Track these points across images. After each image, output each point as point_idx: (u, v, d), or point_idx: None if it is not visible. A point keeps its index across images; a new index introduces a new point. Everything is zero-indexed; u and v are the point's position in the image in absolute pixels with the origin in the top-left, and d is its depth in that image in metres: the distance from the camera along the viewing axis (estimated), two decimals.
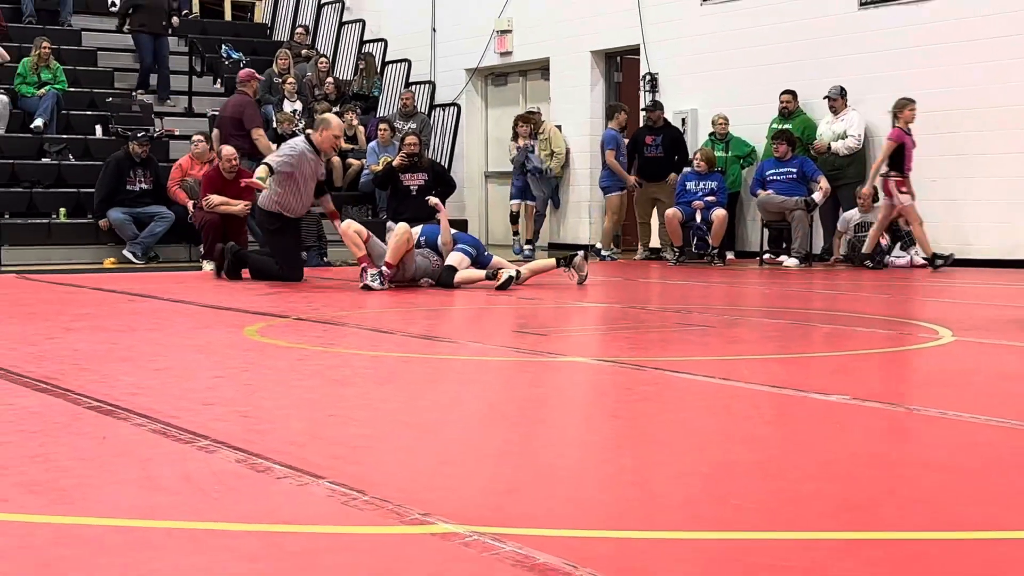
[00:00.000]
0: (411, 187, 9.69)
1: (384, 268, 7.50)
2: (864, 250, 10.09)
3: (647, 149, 11.60)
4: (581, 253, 8.18)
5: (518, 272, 7.70)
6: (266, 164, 7.88)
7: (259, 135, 10.32)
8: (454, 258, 7.75)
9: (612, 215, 11.70)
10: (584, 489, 2.46)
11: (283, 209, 8.09)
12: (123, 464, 2.63)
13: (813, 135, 11.02)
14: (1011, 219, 10.11)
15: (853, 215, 10.47)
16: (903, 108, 9.89)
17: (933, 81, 10.46)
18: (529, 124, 12.19)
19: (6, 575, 1.85)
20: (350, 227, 7.79)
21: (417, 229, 7.88)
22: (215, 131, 11.20)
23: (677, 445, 2.97)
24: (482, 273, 7.79)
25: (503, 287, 7.49)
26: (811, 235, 10.74)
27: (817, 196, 10.47)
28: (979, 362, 4.55)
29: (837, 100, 10.76)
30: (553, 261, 8.25)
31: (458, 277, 7.66)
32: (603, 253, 11.62)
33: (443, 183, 9.99)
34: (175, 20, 13.22)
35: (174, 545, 2.02)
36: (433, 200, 8.12)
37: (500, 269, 7.77)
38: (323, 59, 13.78)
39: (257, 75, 11.08)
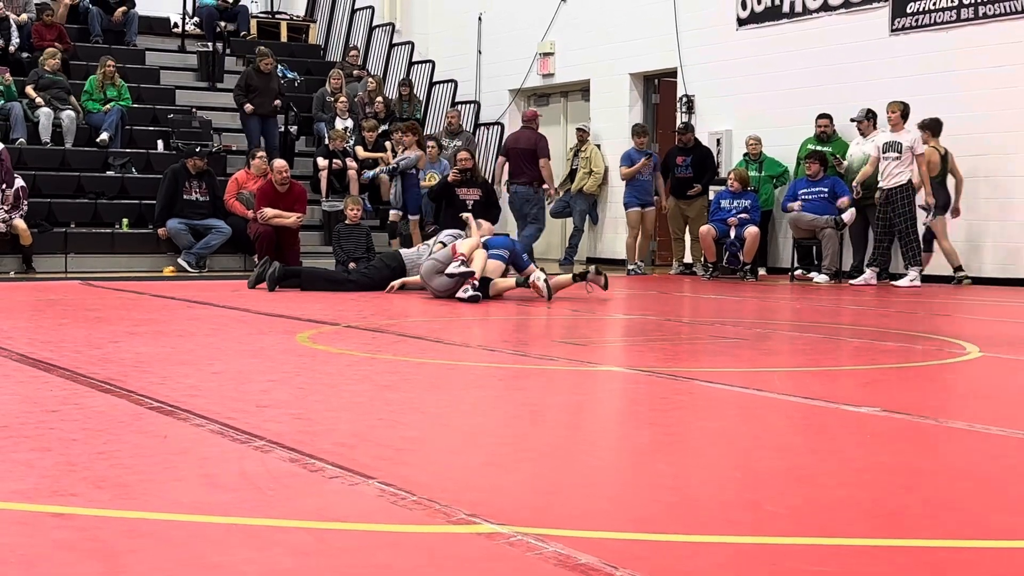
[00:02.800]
0: (467, 201, 9.84)
1: (474, 282, 7.68)
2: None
3: (677, 169, 11.85)
4: (594, 268, 8.31)
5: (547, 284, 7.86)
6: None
7: (546, 164, 11.83)
8: (490, 267, 7.92)
9: (631, 230, 11.97)
10: (622, 493, 2.52)
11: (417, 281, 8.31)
12: (183, 462, 2.71)
13: (845, 156, 11.08)
14: None
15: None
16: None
17: (961, 105, 10.51)
18: (413, 134, 11.69)
19: (74, 564, 1.92)
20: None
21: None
22: (500, 158, 11.99)
23: (712, 452, 3.02)
24: (512, 281, 7.99)
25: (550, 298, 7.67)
26: (841, 252, 10.81)
27: (846, 216, 10.57)
28: (1006, 377, 4.56)
29: (863, 123, 10.80)
30: (570, 277, 8.34)
31: (492, 289, 7.86)
32: (628, 267, 11.82)
33: (491, 205, 10.13)
34: (277, 102, 12.85)
35: (231, 539, 2.08)
36: (466, 215, 8.38)
37: (532, 277, 7.94)
38: (372, 79, 14.04)
39: (539, 112, 12.22)
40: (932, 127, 10.33)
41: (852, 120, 10.94)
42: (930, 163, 10.08)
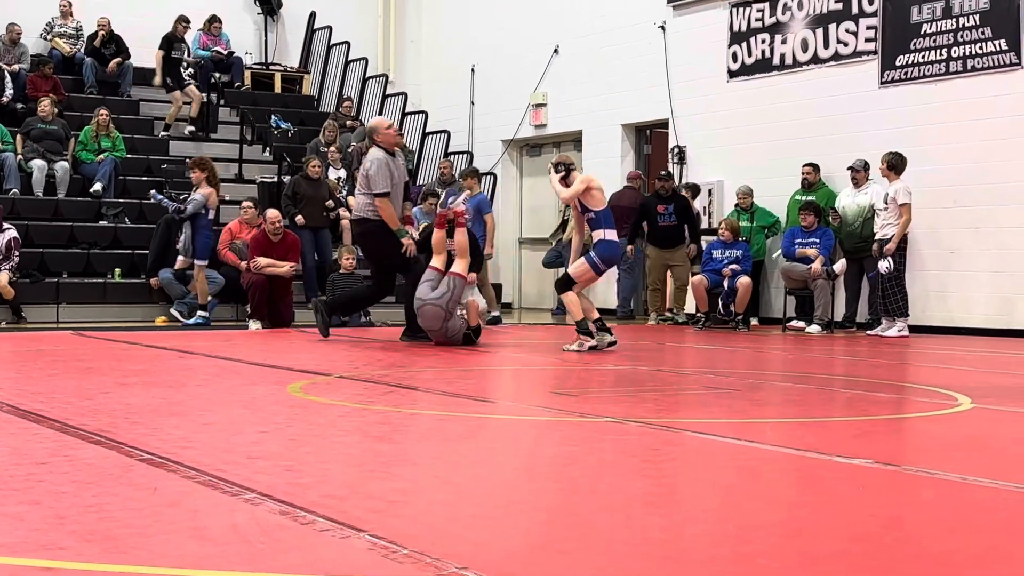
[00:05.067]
0: (452, 251, 9.93)
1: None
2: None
3: (660, 218, 11.89)
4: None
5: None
6: (378, 194, 8.47)
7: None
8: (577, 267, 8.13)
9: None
10: (613, 546, 2.50)
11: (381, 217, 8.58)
12: (173, 515, 2.70)
13: (834, 205, 11.18)
14: None
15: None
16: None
17: (950, 156, 10.66)
18: (202, 170, 10.65)
19: None
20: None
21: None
22: None
23: (704, 504, 3.01)
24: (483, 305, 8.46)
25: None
26: (833, 303, 10.85)
27: (837, 267, 10.67)
28: (998, 429, 4.55)
29: (860, 172, 10.91)
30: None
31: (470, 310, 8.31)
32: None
33: (474, 252, 10.18)
34: (330, 202, 11.78)
35: None
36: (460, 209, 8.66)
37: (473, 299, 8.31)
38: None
39: (641, 174, 12.68)
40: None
41: (848, 168, 11.01)
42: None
